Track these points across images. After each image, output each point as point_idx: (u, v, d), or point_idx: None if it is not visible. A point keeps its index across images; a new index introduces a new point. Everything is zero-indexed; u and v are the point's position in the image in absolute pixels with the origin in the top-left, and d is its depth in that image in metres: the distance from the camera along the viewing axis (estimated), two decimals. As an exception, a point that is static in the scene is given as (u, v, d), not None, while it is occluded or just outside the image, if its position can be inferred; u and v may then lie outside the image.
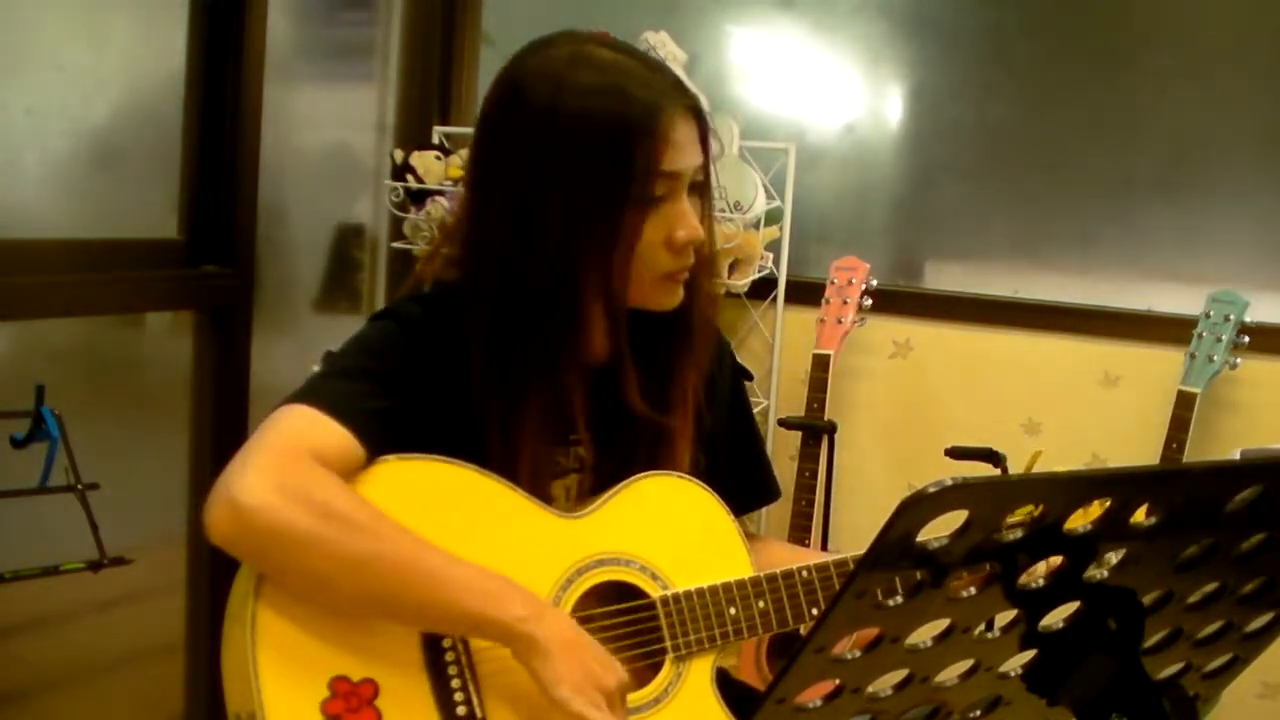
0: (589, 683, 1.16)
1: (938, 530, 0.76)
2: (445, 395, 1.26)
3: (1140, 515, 0.83)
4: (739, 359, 1.61)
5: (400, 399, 1.23)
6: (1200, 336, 2.22)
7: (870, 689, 0.86)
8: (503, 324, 1.27)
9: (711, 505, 1.36)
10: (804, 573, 1.34)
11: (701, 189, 1.32)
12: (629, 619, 1.29)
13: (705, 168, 1.31)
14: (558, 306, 1.26)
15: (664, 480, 1.35)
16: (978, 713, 0.91)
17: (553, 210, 1.24)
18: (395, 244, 2.76)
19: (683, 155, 1.26)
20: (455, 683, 1.19)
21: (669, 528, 1.33)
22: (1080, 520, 0.81)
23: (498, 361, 1.27)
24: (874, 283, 2.46)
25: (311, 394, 1.20)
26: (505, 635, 1.16)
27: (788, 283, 2.60)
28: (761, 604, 1.33)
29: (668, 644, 1.29)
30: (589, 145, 1.23)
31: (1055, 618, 0.88)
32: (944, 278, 2.69)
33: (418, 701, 1.17)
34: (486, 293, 1.28)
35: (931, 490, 0.72)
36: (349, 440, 1.17)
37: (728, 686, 1.34)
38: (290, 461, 1.13)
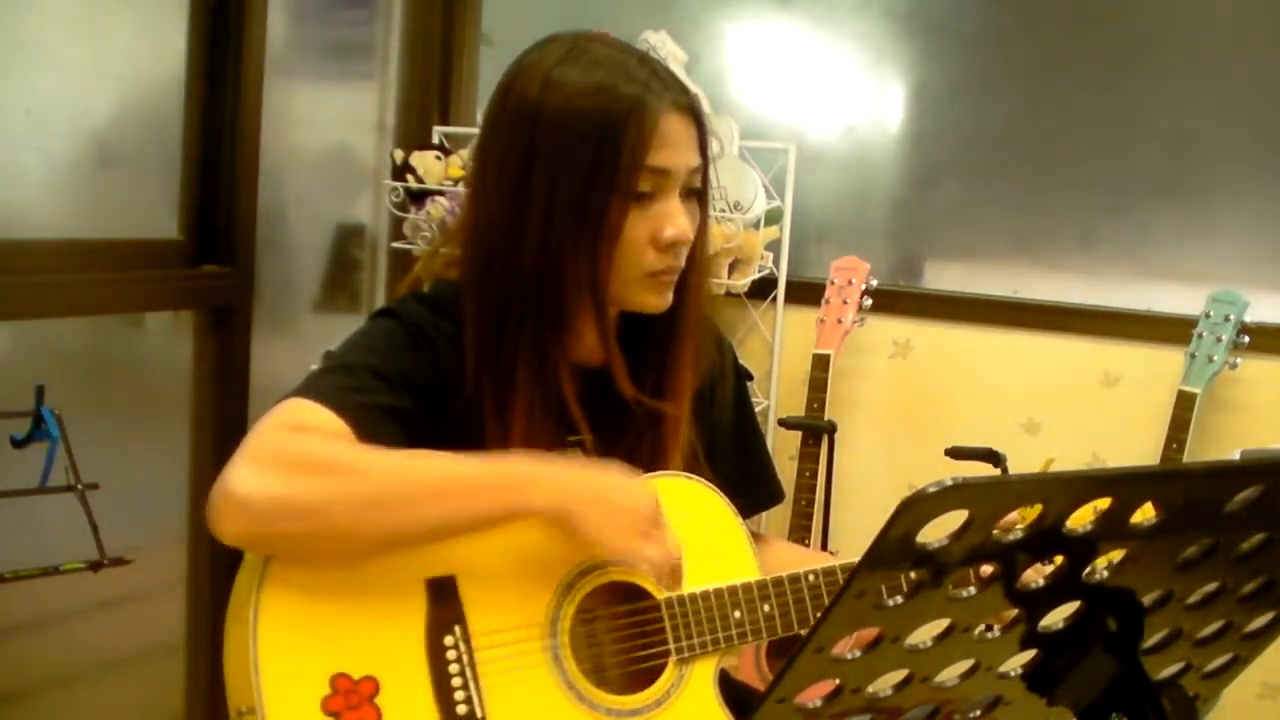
0: (628, 521, 1.19)
1: (938, 530, 0.76)
2: (445, 393, 1.26)
3: (1140, 515, 0.83)
4: (739, 359, 1.61)
5: (400, 395, 1.23)
6: (1200, 336, 2.22)
7: (870, 689, 0.86)
8: (493, 317, 1.27)
9: (718, 507, 1.36)
10: (810, 577, 1.33)
11: (699, 192, 1.31)
12: (633, 620, 1.29)
13: (703, 171, 1.30)
14: (544, 299, 1.26)
15: (671, 481, 1.34)
16: (978, 713, 0.91)
17: (538, 203, 1.24)
18: (395, 244, 2.77)
19: (672, 151, 1.25)
20: (456, 680, 1.19)
21: (675, 529, 1.32)
22: (1080, 520, 0.81)
23: (489, 355, 1.27)
24: (874, 283, 2.46)
25: (308, 388, 1.20)
26: (531, 516, 1.18)
27: (787, 283, 2.60)
28: (767, 608, 1.32)
29: (671, 646, 1.28)
30: (574, 138, 1.23)
31: (1055, 618, 0.88)
32: (944, 278, 2.69)
33: (418, 699, 1.17)
34: (480, 286, 1.29)
35: (931, 490, 0.73)
36: (344, 429, 1.16)
37: (728, 687, 1.34)
38: (274, 439, 1.14)
